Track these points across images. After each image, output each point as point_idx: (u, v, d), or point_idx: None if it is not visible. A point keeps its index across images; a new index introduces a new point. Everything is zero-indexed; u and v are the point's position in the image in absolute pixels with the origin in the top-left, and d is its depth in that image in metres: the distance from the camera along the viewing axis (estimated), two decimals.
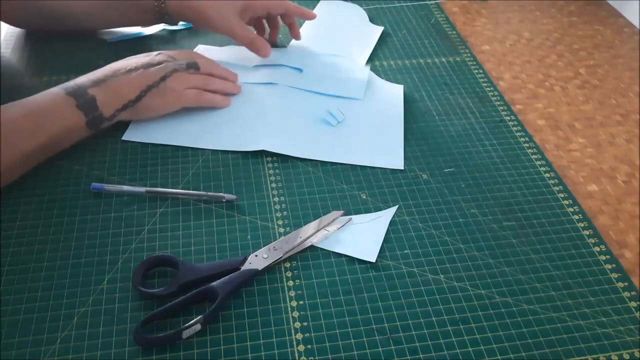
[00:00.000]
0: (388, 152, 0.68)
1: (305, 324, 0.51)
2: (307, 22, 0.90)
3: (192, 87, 0.69)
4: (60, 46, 0.83)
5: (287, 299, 0.53)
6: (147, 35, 0.86)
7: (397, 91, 0.77)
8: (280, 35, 0.85)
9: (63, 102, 0.62)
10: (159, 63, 0.68)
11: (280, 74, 0.78)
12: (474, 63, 0.84)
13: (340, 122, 0.71)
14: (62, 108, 0.62)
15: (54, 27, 0.82)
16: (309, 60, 0.81)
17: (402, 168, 0.66)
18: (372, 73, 0.80)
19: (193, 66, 0.70)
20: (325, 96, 0.75)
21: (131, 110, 0.66)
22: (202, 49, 0.83)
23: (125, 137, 0.68)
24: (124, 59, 0.69)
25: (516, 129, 0.73)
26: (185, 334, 0.48)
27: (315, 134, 0.70)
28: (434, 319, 0.52)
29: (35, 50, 0.82)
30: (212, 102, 0.71)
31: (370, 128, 0.71)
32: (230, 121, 0.70)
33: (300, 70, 0.79)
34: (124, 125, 0.69)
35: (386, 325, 0.51)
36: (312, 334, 0.50)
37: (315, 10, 0.92)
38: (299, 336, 0.50)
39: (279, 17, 0.83)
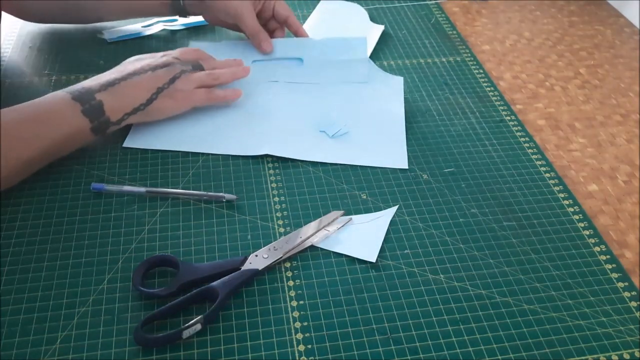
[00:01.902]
0: (391, 152, 0.68)
1: (305, 324, 0.51)
2: (308, 21, 0.90)
3: (200, 86, 0.69)
4: (60, 46, 0.83)
5: (287, 299, 0.53)
6: (147, 35, 0.86)
7: (397, 85, 0.77)
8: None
9: (68, 107, 0.60)
10: (165, 64, 0.67)
11: (280, 69, 0.77)
12: (474, 63, 0.84)
13: (338, 134, 0.69)
14: (67, 114, 0.60)
15: (69, 19, 0.83)
16: (307, 48, 0.79)
17: (407, 167, 0.66)
18: (373, 64, 0.80)
19: (198, 68, 0.70)
20: (328, 97, 0.75)
21: (141, 114, 0.65)
22: (194, 45, 0.82)
23: (125, 144, 0.67)
24: (130, 61, 0.68)
25: (516, 129, 0.73)
26: (186, 334, 0.48)
27: (318, 137, 0.69)
28: (434, 319, 0.52)
29: (35, 50, 0.82)
30: (223, 97, 0.70)
31: (373, 128, 0.71)
32: (232, 127, 0.70)
33: (301, 60, 0.78)
34: (124, 129, 0.68)
35: (386, 325, 0.51)
36: (312, 334, 0.50)
37: (316, 10, 0.93)
38: (299, 336, 0.50)
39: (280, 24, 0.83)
